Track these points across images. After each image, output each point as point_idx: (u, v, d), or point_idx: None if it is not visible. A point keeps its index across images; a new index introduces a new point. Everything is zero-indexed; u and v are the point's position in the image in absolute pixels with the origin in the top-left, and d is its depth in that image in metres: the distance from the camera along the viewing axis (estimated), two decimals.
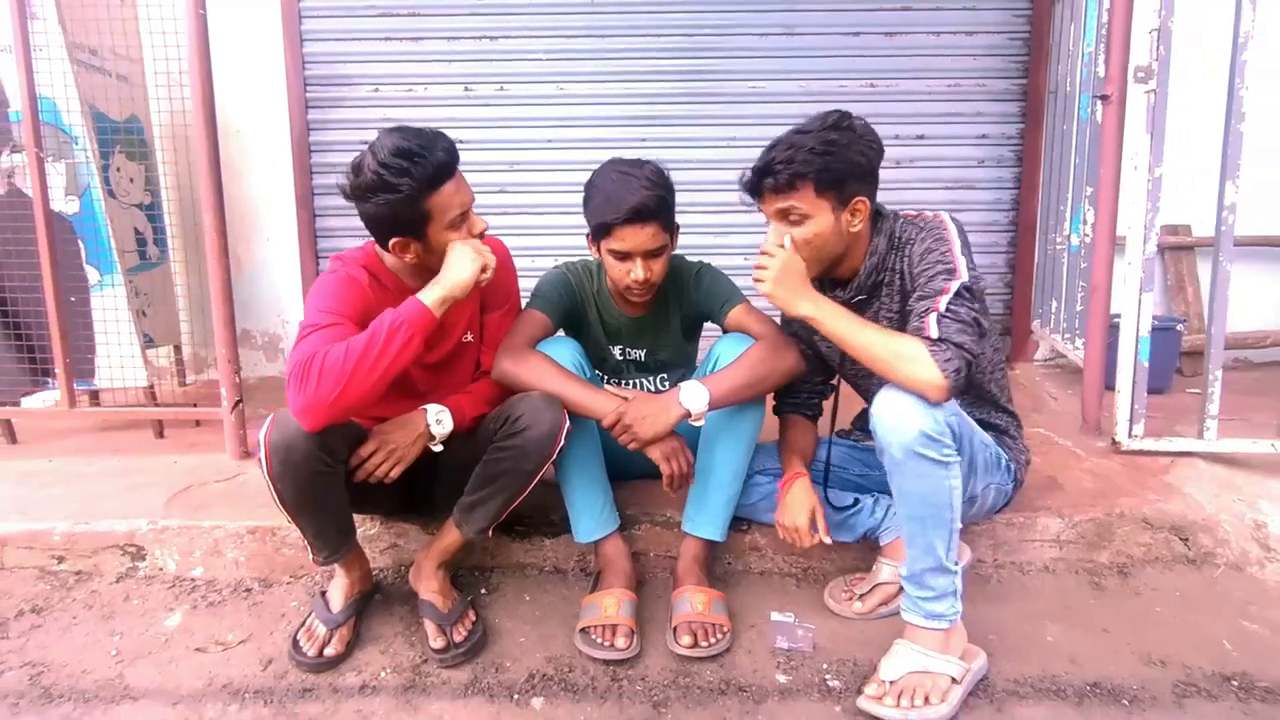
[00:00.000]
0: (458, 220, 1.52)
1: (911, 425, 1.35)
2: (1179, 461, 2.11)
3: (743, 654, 1.60)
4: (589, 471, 1.71)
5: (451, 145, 1.50)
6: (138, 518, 1.93)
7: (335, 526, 1.59)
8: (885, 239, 1.54)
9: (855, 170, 1.45)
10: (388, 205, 1.45)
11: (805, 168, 1.42)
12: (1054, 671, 1.53)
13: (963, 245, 1.47)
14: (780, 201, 1.47)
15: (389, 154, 1.42)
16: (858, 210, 1.49)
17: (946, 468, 1.38)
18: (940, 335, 1.36)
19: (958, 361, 1.34)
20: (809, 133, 1.44)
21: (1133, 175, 2.04)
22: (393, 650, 1.62)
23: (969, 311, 1.39)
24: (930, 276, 1.44)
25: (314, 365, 1.35)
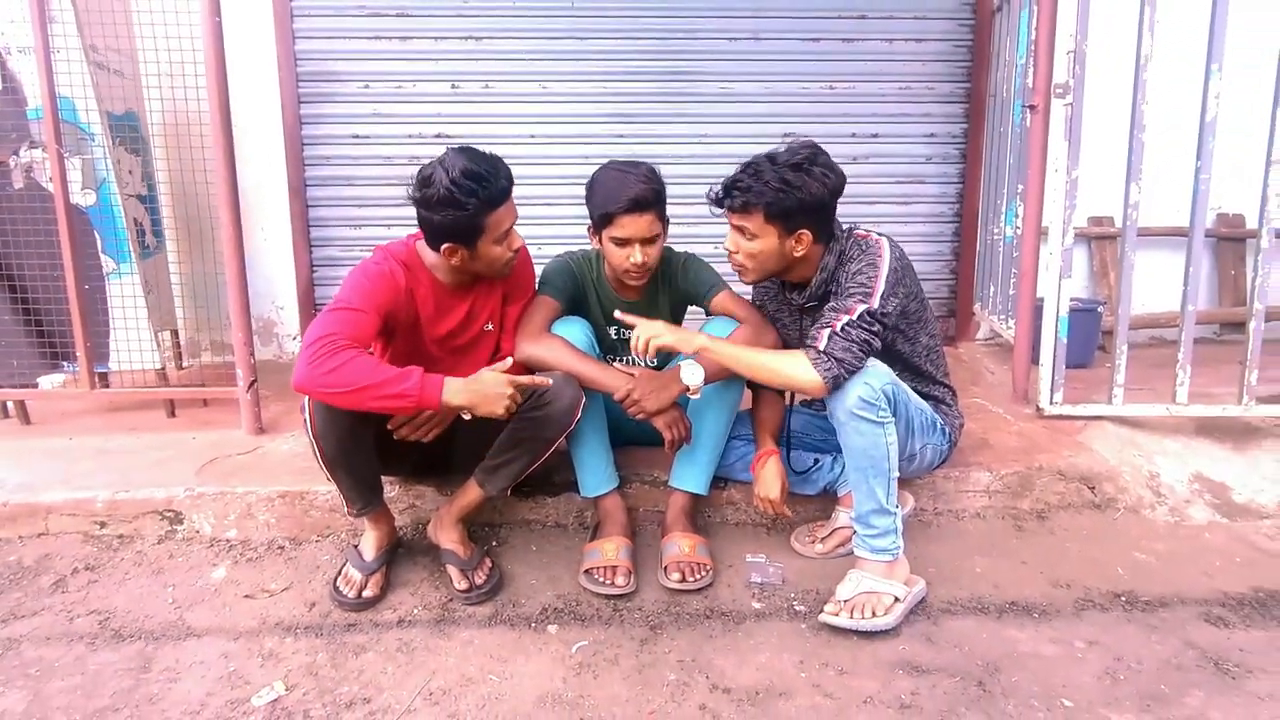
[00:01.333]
0: (503, 236, 1.75)
1: (851, 392, 1.65)
2: (1091, 424, 2.46)
3: (724, 588, 1.88)
4: (596, 437, 1.97)
5: (509, 172, 1.73)
6: (174, 485, 2.13)
7: (368, 482, 1.81)
8: (835, 258, 1.80)
9: (804, 207, 1.70)
10: (453, 219, 1.66)
11: (757, 199, 1.69)
12: (980, 594, 1.85)
13: (891, 273, 1.72)
14: (735, 218, 1.75)
15: (460, 174, 1.63)
16: (801, 239, 1.74)
17: (882, 426, 1.68)
18: (826, 349, 1.66)
19: (836, 370, 1.65)
20: (776, 165, 1.69)
21: (1053, 177, 2.36)
22: (421, 593, 1.86)
23: (861, 334, 1.67)
24: (848, 294, 1.72)
25: (334, 355, 1.52)
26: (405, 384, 1.56)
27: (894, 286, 1.73)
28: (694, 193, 3.49)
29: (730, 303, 2.04)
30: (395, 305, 1.74)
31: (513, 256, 1.80)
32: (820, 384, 1.65)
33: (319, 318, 1.63)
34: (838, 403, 1.67)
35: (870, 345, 1.69)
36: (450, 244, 1.72)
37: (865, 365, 1.68)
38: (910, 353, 1.90)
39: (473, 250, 1.73)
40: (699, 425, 1.96)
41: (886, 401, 1.68)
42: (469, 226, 1.68)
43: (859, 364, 1.67)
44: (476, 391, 1.64)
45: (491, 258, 1.76)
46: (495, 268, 1.80)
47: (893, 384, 1.71)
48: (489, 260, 1.76)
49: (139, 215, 2.93)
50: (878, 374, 1.68)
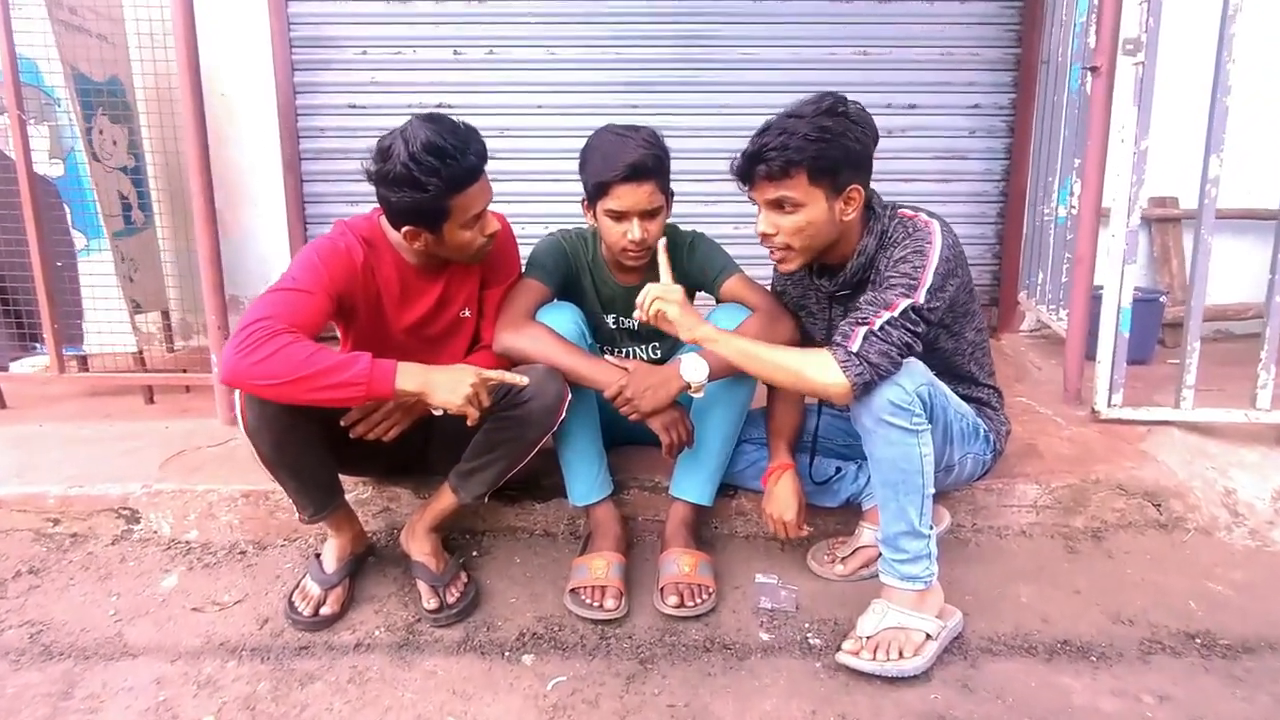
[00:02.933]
0: (473, 221, 1.51)
1: (880, 394, 1.39)
2: (1155, 430, 2.16)
3: (728, 613, 1.65)
4: (586, 438, 1.74)
5: (483, 147, 1.49)
6: (132, 481, 1.95)
7: (317, 482, 1.61)
8: (875, 239, 1.52)
9: (850, 158, 1.43)
10: (412, 201, 1.44)
11: (799, 155, 1.40)
12: (1026, 629, 1.59)
13: (942, 262, 1.45)
14: (772, 189, 1.46)
15: (421, 148, 1.40)
16: (851, 199, 1.47)
17: (916, 435, 1.42)
18: (859, 350, 1.39)
19: (868, 376, 1.38)
20: (802, 117, 1.41)
21: (1119, 148, 2.06)
22: (387, 610, 1.66)
23: (903, 335, 1.40)
24: (889, 284, 1.45)
25: (268, 342, 1.31)
26: (351, 371, 1.34)
27: (944, 279, 1.45)
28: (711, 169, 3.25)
29: (742, 288, 1.79)
30: (351, 287, 1.52)
31: (486, 242, 1.57)
32: (846, 390, 1.39)
33: (256, 300, 1.42)
34: (864, 407, 1.42)
35: (911, 348, 1.43)
36: (411, 227, 1.50)
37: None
38: (953, 350, 1.64)
39: (437, 235, 1.51)
40: (703, 428, 1.73)
41: (922, 406, 1.42)
42: (431, 209, 1.46)
43: (895, 369, 1.41)
44: (433, 380, 1.42)
45: (459, 244, 1.53)
46: (465, 254, 1.57)
47: (929, 385, 1.45)
48: (456, 247, 1.54)
49: (125, 189, 2.76)
50: (912, 374, 1.42)
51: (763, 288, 1.81)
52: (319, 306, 1.44)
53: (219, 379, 1.36)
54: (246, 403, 1.43)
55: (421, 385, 1.40)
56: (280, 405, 1.40)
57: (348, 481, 1.89)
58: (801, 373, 1.43)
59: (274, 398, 1.36)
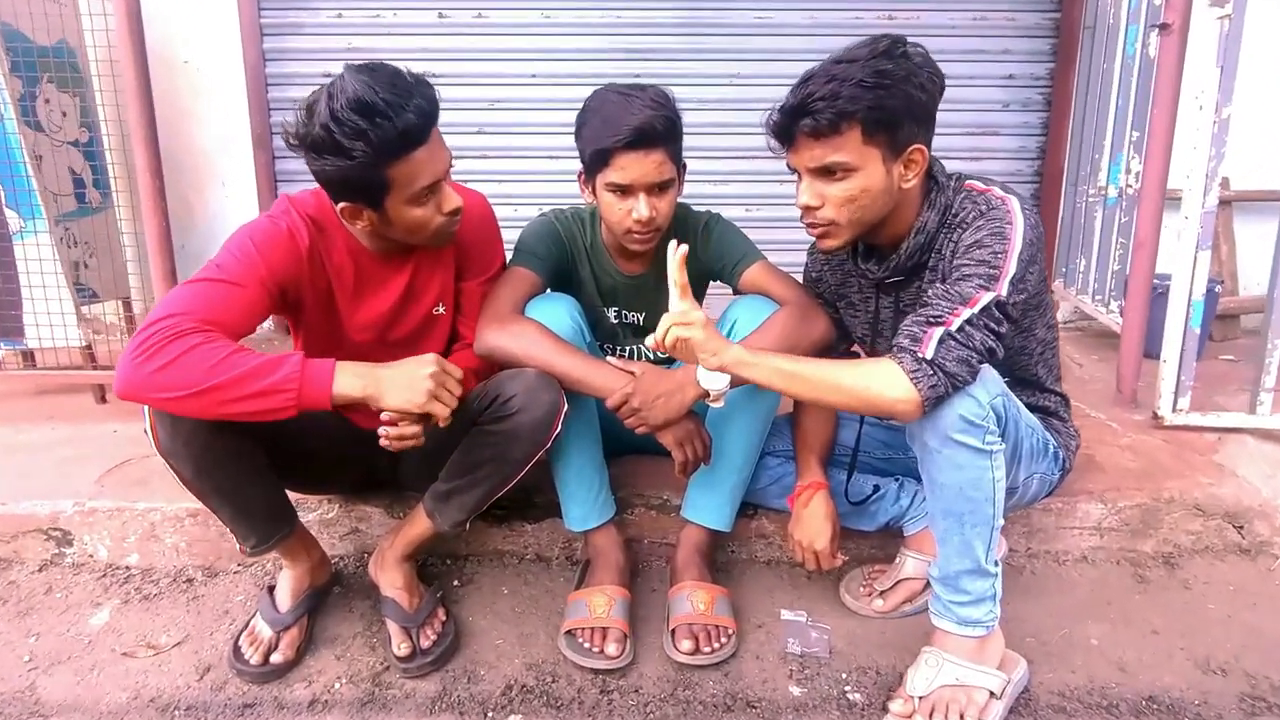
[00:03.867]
0: (423, 194, 1.23)
1: (950, 408, 1.14)
2: (1228, 439, 1.92)
3: (750, 660, 1.41)
4: (585, 453, 1.49)
5: (429, 103, 1.19)
6: (63, 499, 1.70)
7: (260, 508, 1.35)
8: (938, 215, 1.26)
9: (913, 110, 1.16)
10: (339, 170, 1.17)
11: (852, 105, 1.13)
12: (1102, 682, 1.35)
13: (1026, 247, 1.18)
14: (819, 149, 1.18)
15: (346, 105, 1.12)
16: (914, 161, 1.21)
17: (989, 457, 1.17)
18: (935, 358, 1.12)
19: (942, 388, 1.12)
20: (855, 61, 1.15)
21: (1196, 115, 1.79)
22: (350, 655, 1.42)
23: (985, 338, 1.14)
24: (964, 275, 1.18)
25: (169, 344, 1.06)
26: (277, 375, 1.08)
27: (1027, 267, 1.18)
28: (722, 145, 3.01)
29: (766, 278, 1.54)
30: (296, 276, 1.26)
31: (446, 221, 1.29)
32: (916, 405, 1.13)
33: (168, 294, 1.16)
34: (928, 423, 1.16)
35: (993, 353, 1.17)
36: (347, 203, 1.23)
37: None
38: (1020, 349, 1.37)
39: (381, 212, 1.24)
40: (721, 441, 1.47)
41: (996, 421, 1.17)
42: (364, 181, 1.18)
43: (972, 379, 1.15)
44: (381, 379, 1.15)
45: (410, 224, 1.26)
46: (421, 236, 1.30)
47: (1004, 396, 1.20)
48: (408, 228, 1.26)
49: (77, 165, 2.49)
50: (986, 383, 1.17)
51: (790, 277, 1.56)
52: (250, 301, 1.18)
53: (115, 391, 1.09)
54: (156, 419, 1.17)
55: (368, 387, 1.14)
56: (198, 420, 1.14)
57: (310, 500, 1.65)
58: (864, 392, 1.15)
59: (184, 413, 1.11)
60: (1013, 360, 1.38)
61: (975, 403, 1.14)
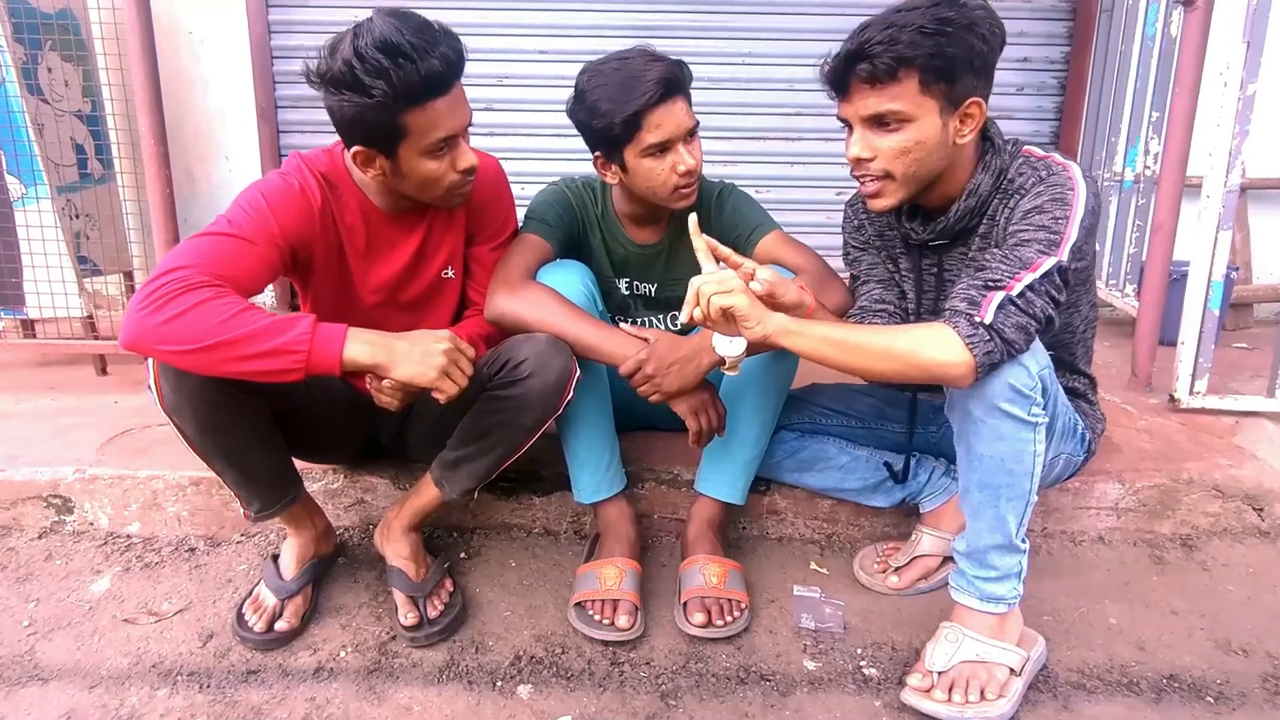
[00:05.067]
0: (439, 146, 1.20)
1: (999, 376, 1.10)
2: (1245, 422, 1.89)
3: (763, 634, 1.38)
4: (596, 423, 1.46)
5: (455, 52, 1.17)
6: (64, 465, 1.67)
7: (265, 471, 1.32)
8: (992, 178, 1.22)
9: (973, 60, 1.12)
10: (355, 107, 1.14)
11: (912, 50, 1.09)
12: (1122, 660, 1.33)
13: (1088, 214, 1.14)
14: (873, 97, 1.14)
15: (372, 44, 1.10)
16: (970, 115, 1.17)
17: (1034, 429, 1.14)
18: (994, 322, 1.08)
19: (998, 355, 1.08)
20: (915, 9, 1.11)
21: (1221, 92, 1.76)
22: (356, 624, 1.39)
23: (1046, 305, 1.11)
24: (1024, 240, 1.13)
25: (180, 296, 1.03)
26: (287, 335, 1.05)
27: (1088, 236, 1.15)
28: (733, 125, 2.97)
29: (782, 247, 1.51)
30: (307, 235, 1.24)
31: (460, 180, 1.26)
32: (970, 369, 1.08)
33: (177, 246, 1.13)
34: (974, 391, 1.13)
35: (1052, 321, 1.13)
36: (361, 147, 1.20)
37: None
38: (1064, 327, 1.34)
39: (394, 161, 1.21)
40: (736, 411, 1.45)
41: (1043, 393, 1.14)
42: (380, 125, 1.15)
43: (1027, 347, 1.11)
44: (394, 349, 1.12)
45: (422, 176, 1.23)
46: (434, 193, 1.26)
47: (1049, 368, 1.17)
48: (419, 180, 1.23)
49: (80, 136, 2.46)
50: (1035, 353, 1.13)
51: (806, 246, 1.53)
52: (261, 259, 1.15)
53: (120, 342, 1.06)
54: (160, 373, 1.14)
55: (379, 356, 1.11)
56: (204, 377, 1.11)
57: (315, 470, 1.62)
58: (915, 357, 1.09)
59: (189, 367, 1.07)
60: (1055, 338, 1.34)
61: (1025, 372, 1.11)
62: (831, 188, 2.92)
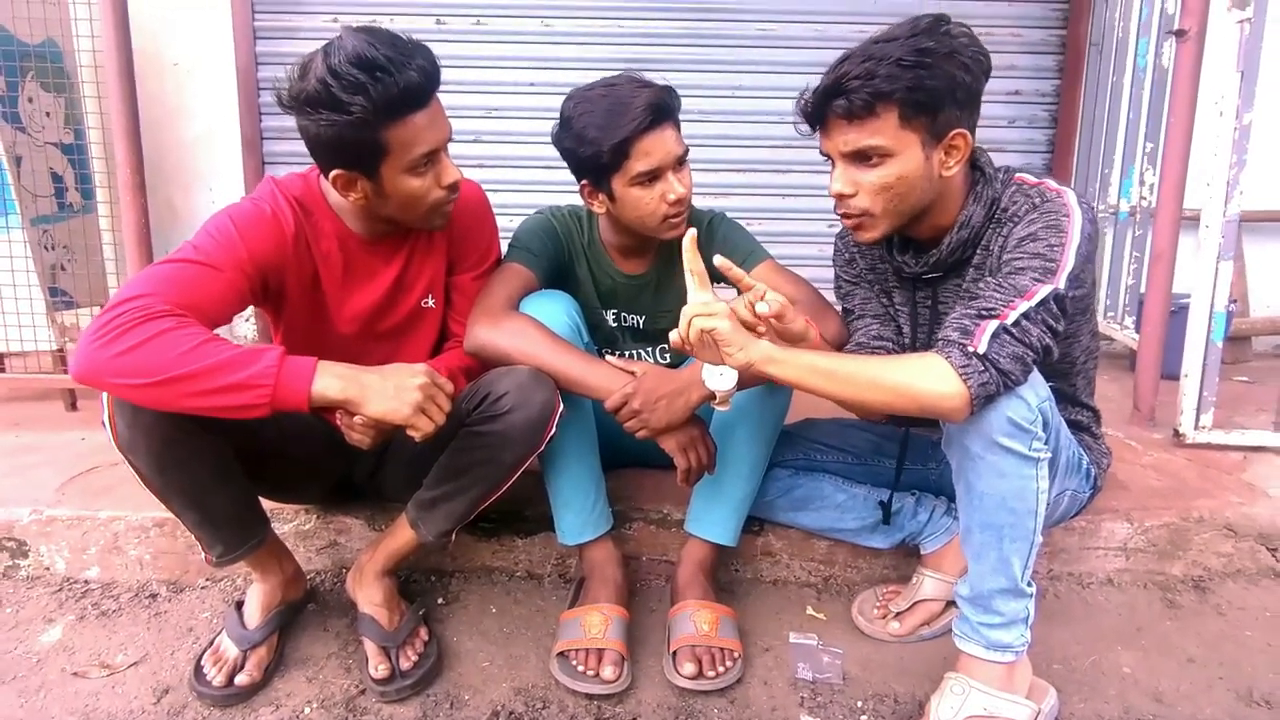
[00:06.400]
0: (422, 162, 1.16)
1: (997, 410, 1.05)
2: (1253, 457, 1.84)
3: (758, 685, 1.30)
4: (581, 460, 1.39)
5: (431, 63, 1.14)
6: (19, 505, 1.59)
7: (228, 513, 1.24)
8: (984, 209, 1.18)
9: (955, 91, 1.08)
10: (332, 127, 1.09)
11: (890, 84, 1.06)
12: (1139, 713, 1.25)
13: (1084, 241, 1.10)
14: (852, 132, 1.11)
15: (346, 60, 1.06)
16: (955, 147, 1.13)
17: (1036, 465, 1.08)
18: (988, 352, 1.03)
19: (994, 386, 1.03)
20: (894, 40, 1.07)
21: (1217, 122, 1.74)
22: (323, 677, 1.30)
23: (1043, 334, 1.06)
24: (1019, 269, 1.09)
25: (138, 327, 0.97)
26: (252, 369, 0.99)
27: (1084, 264, 1.10)
28: (724, 158, 2.96)
29: (774, 276, 1.46)
30: (279, 262, 1.18)
31: (444, 197, 1.21)
32: (964, 402, 1.02)
33: (141, 272, 1.07)
34: (971, 426, 1.07)
35: (1049, 351, 1.08)
36: (341, 170, 1.15)
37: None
38: (1062, 357, 1.27)
39: (376, 182, 1.16)
40: (727, 448, 1.38)
41: (1044, 426, 1.08)
42: (360, 142, 1.11)
43: (1025, 379, 1.06)
44: (366, 384, 1.05)
45: (407, 195, 1.18)
46: (418, 212, 1.22)
47: (1050, 400, 1.11)
48: (404, 200, 1.19)
49: (59, 167, 2.42)
50: (1035, 385, 1.08)
51: (800, 278, 1.48)
52: (228, 286, 1.10)
53: (71, 374, 1.00)
54: (115, 408, 1.07)
55: (350, 391, 1.05)
56: (161, 412, 1.04)
57: (285, 510, 1.54)
58: (907, 389, 1.04)
59: (145, 402, 1.01)
60: (1055, 369, 1.28)
61: (1024, 405, 1.05)
62: (823, 220, 2.89)
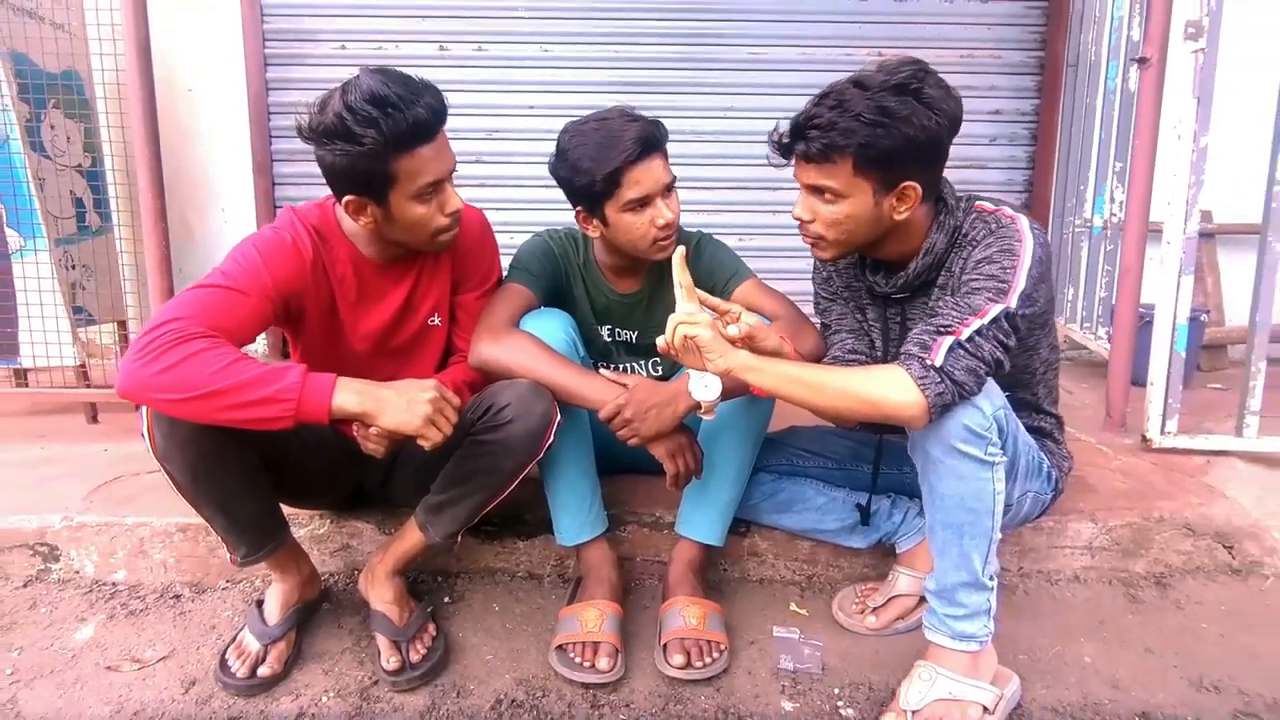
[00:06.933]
0: (427, 191, 1.28)
1: (954, 418, 1.15)
2: (1216, 461, 1.93)
3: (742, 675, 1.39)
4: (577, 466, 1.49)
5: (438, 101, 1.26)
6: (51, 513, 1.69)
7: (252, 517, 1.35)
8: (946, 237, 1.29)
9: (910, 148, 1.18)
10: (346, 157, 1.21)
11: (846, 139, 1.17)
12: (1095, 698, 1.34)
13: (1035, 264, 1.21)
14: (813, 170, 1.23)
15: (361, 97, 1.18)
16: (906, 196, 1.24)
17: (990, 468, 1.18)
18: (944, 365, 1.14)
19: (949, 396, 1.14)
20: (866, 90, 1.17)
21: (1175, 145, 1.85)
22: (339, 670, 1.40)
23: (994, 349, 1.17)
24: (975, 289, 1.20)
25: (176, 348, 1.08)
26: (278, 385, 1.09)
27: (1036, 285, 1.21)
28: (716, 176, 3.07)
29: (756, 295, 1.56)
30: (299, 286, 1.29)
31: (448, 224, 1.33)
32: (923, 411, 1.13)
33: (173, 298, 1.18)
34: (931, 433, 1.17)
35: (1000, 365, 1.19)
36: (353, 196, 1.26)
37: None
38: (1023, 368, 1.39)
39: (385, 208, 1.28)
40: (713, 454, 1.48)
41: (998, 433, 1.19)
42: (372, 171, 1.22)
43: (979, 390, 1.16)
44: (382, 398, 1.16)
45: (413, 221, 1.29)
46: (422, 236, 1.33)
47: (1005, 409, 1.21)
48: (410, 225, 1.30)
49: (79, 190, 2.53)
50: (990, 395, 1.18)
51: (782, 295, 1.58)
52: (252, 310, 1.21)
53: (116, 390, 1.10)
54: (154, 421, 1.18)
55: (366, 404, 1.15)
56: (196, 425, 1.15)
57: (301, 515, 1.65)
58: (864, 394, 1.15)
59: (183, 415, 1.12)
60: (1016, 379, 1.40)
61: (979, 413, 1.16)
62: None
